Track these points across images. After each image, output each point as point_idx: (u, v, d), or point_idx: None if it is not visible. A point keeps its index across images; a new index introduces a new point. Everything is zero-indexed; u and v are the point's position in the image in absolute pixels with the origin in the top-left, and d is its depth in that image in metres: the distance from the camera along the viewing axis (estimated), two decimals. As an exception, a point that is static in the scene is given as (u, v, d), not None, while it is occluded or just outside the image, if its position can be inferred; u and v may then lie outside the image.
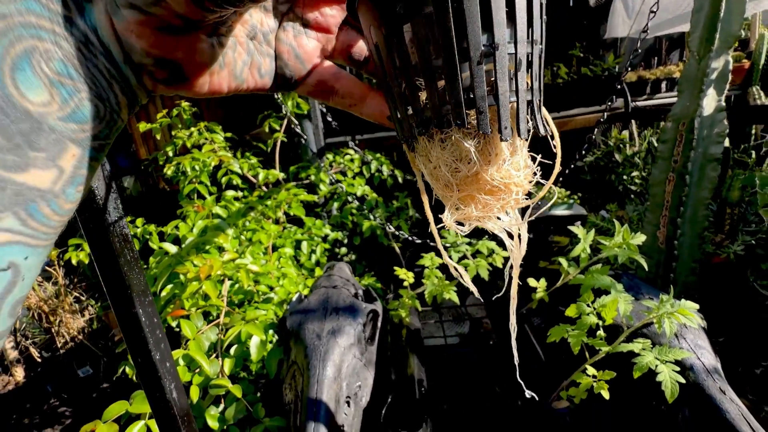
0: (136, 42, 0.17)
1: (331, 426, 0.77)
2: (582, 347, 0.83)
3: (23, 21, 0.13)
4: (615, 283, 0.83)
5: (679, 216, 1.67)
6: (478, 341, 1.43)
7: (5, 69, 0.13)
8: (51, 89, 0.15)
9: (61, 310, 2.64)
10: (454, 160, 0.19)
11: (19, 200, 0.14)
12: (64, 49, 0.15)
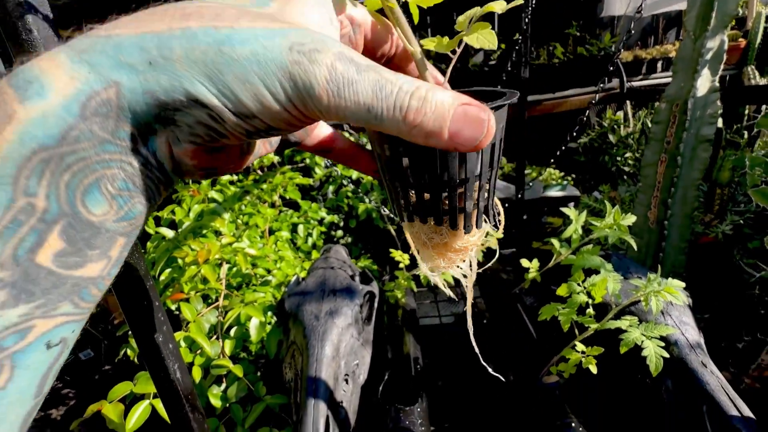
0: (189, 161, 0.21)
1: (330, 402, 0.80)
2: (572, 325, 0.86)
3: (99, 159, 0.17)
4: (605, 263, 0.86)
5: (670, 197, 1.70)
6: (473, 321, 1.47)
7: (78, 195, 0.17)
8: (111, 202, 0.18)
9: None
10: (431, 233, 0.28)
11: (75, 289, 0.18)
12: (126, 171, 0.18)
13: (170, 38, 0.17)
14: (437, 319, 1.43)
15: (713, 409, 0.66)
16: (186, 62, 0.17)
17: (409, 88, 0.18)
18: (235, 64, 0.17)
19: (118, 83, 0.17)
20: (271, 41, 0.18)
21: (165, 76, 0.17)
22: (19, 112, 0.16)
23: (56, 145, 0.16)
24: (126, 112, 0.17)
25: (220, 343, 1.02)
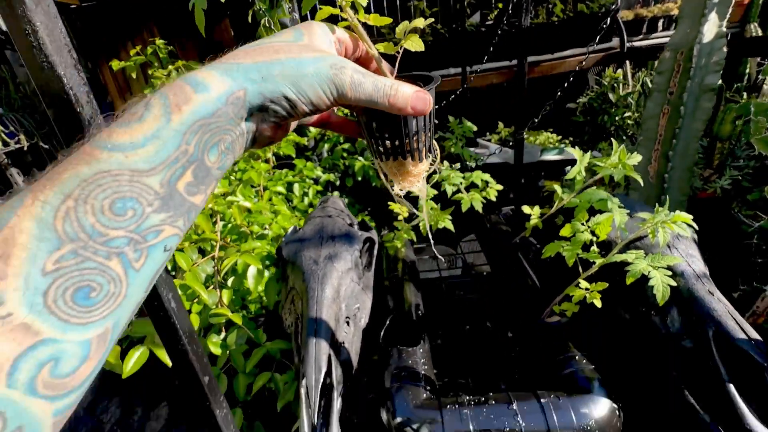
0: (265, 133, 0.33)
1: (332, 342, 0.79)
2: (576, 263, 0.85)
3: (224, 128, 0.29)
4: (611, 196, 0.83)
5: (671, 149, 1.67)
6: (473, 271, 1.46)
7: (207, 149, 0.28)
8: (219, 155, 0.29)
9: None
10: (398, 166, 0.40)
11: (188, 211, 0.27)
12: (232, 137, 0.30)
13: (272, 64, 0.30)
14: (437, 273, 1.42)
15: (720, 334, 0.66)
16: (280, 77, 0.30)
17: (390, 84, 0.33)
18: (306, 77, 0.31)
19: (246, 88, 0.29)
20: (321, 63, 0.31)
21: (270, 85, 0.30)
22: (194, 98, 0.27)
23: (209, 117, 0.28)
24: (247, 104, 0.30)
25: (217, 292, 1.00)
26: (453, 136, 1.79)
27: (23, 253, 0.21)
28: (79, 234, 0.23)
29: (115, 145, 0.25)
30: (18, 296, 0.20)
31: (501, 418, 0.70)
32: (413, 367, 0.84)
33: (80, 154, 0.25)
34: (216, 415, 0.66)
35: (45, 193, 0.23)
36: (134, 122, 0.26)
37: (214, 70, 0.29)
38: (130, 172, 0.25)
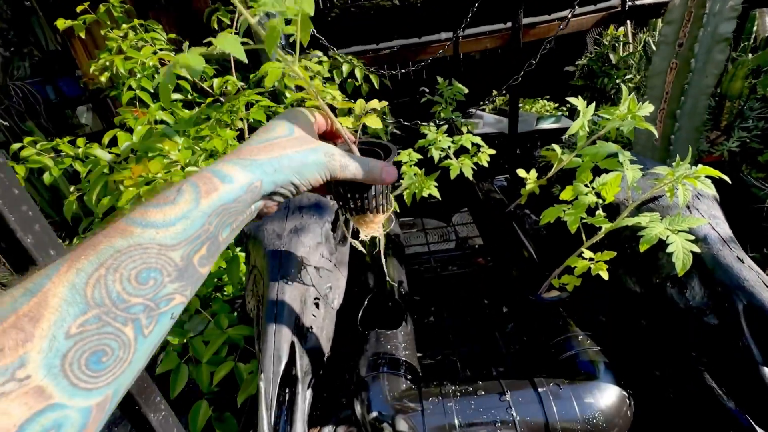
0: (271, 208, 0.40)
1: (296, 327, 0.68)
2: (579, 229, 0.73)
3: (240, 211, 0.35)
4: (622, 150, 0.71)
5: (678, 107, 1.54)
6: (465, 245, 1.34)
7: (222, 227, 0.34)
8: (230, 233, 0.35)
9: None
10: (363, 218, 0.49)
11: (196, 281, 0.32)
12: (244, 216, 0.36)
13: (281, 159, 0.38)
14: (426, 247, 1.30)
15: (753, 308, 0.55)
16: (288, 169, 0.38)
17: (368, 162, 0.43)
18: (307, 167, 0.39)
19: (262, 179, 0.36)
20: (318, 154, 0.40)
21: (281, 176, 0.38)
22: (220, 188, 0.34)
23: (231, 203, 0.34)
24: (262, 191, 0.37)
25: (172, 274, 0.88)
26: (442, 100, 1.64)
27: (53, 316, 0.24)
28: (105, 300, 0.26)
29: (149, 223, 0.29)
30: (39, 358, 0.22)
31: (491, 411, 0.60)
32: (392, 353, 0.74)
33: (115, 229, 0.29)
34: (150, 420, 0.55)
35: (81, 261, 0.26)
36: (167, 204, 0.31)
37: (237, 165, 0.36)
38: (158, 246, 0.29)
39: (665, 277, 0.66)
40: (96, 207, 0.95)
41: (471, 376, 0.71)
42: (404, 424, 0.62)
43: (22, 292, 0.24)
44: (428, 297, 1.09)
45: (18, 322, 0.23)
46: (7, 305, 0.23)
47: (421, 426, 0.60)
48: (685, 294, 0.64)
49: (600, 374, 0.63)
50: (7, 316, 0.23)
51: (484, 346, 0.92)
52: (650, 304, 0.69)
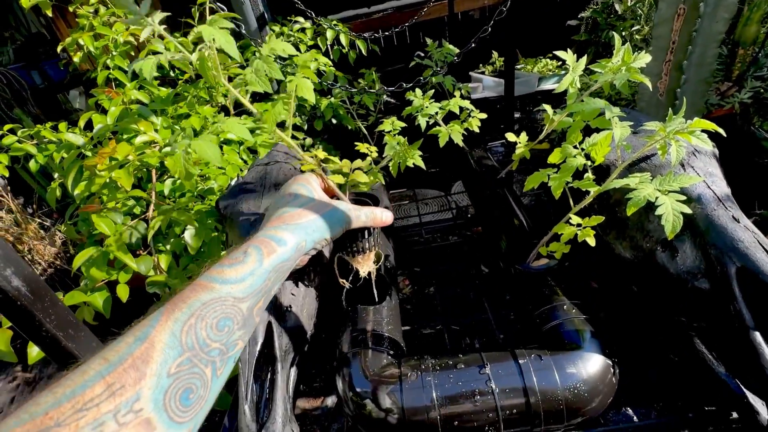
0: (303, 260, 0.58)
1: (272, 308, 0.67)
2: (565, 194, 0.69)
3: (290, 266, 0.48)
4: (610, 106, 0.65)
5: (685, 58, 1.44)
6: (458, 214, 1.31)
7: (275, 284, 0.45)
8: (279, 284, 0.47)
9: (27, 237, 2.50)
10: (361, 257, 0.63)
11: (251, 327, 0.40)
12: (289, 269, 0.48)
13: (315, 220, 0.49)
14: (416, 219, 1.27)
15: (746, 271, 0.51)
16: (322, 228, 0.49)
17: (371, 211, 0.57)
18: (335, 224, 0.51)
19: (306, 240, 0.47)
20: (339, 212, 0.53)
21: (318, 234, 0.49)
22: (277, 250, 0.43)
23: (285, 262, 0.44)
24: (304, 250, 0.47)
25: (153, 258, 0.87)
26: (432, 63, 1.55)
27: (159, 358, 0.30)
28: (194, 344, 0.32)
29: (225, 280, 0.38)
30: (149, 393, 0.28)
31: (470, 384, 0.59)
32: (375, 329, 0.72)
33: (200, 285, 0.37)
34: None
35: (176, 313, 0.33)
36: (238, 264, 0.40)
37: (287, 231, 0.46)
38: (233, 299, 0.37)
39: (656, 241, 0.63)
40: (72, 192, 0.93)
41: (454, 350, 0.69)
42: (385, 399, 0.61)
43: (134, 339, 0.30)
44: (418, 269, 1.07)
45: (134, 363, 0.28)
46: (125, 350, 0.29)
47: (400, 400, 0.60)
48: (677, 258, 0.60)
49: (584, 343, 0.61)
50: (126, 358, 0.28)
51: (474, 318, 0.91)
52: (641, 270, 0.66)
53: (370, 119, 1.70)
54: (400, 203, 1.38)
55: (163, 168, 1.13)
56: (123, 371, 0.27)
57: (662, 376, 0.64)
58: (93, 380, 0.26)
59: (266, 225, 0.47)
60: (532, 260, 0.81)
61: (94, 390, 0.25)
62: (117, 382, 0.26)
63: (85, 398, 0.25)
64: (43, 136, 1.23)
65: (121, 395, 0.26)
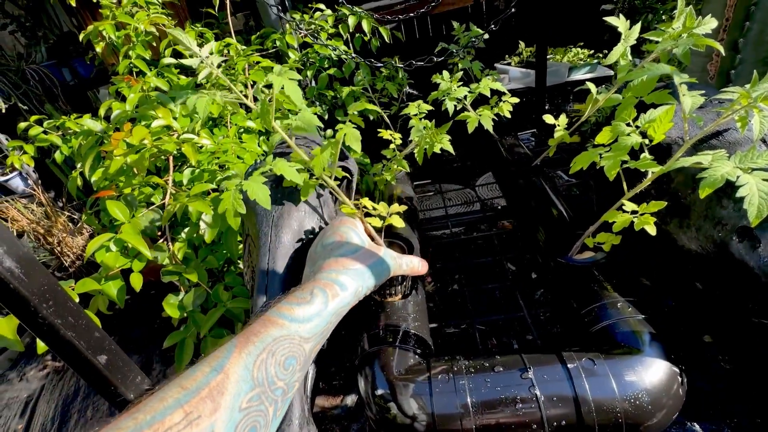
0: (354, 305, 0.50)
1: (289, 299, 0.61)
2: (618, 176, 0.60)
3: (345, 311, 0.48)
4: (678, 71, 0.56)
5: (741, 35, 1.30)
6: (486, 206, 1.23)
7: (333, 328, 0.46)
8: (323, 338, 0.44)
9: (56, 230, 2.57)
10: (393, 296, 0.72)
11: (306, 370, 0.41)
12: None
13: (368, 267, 0.51)
14: (443, 211, 1.20)
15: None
16: (375, 274, 0.51)
17: (410, 260, 0.59)
18: (383, 270, 0.53)
19: (362, 285, 0.49)
20: (387, 259, 0.54)
21: (370, 281, 0.50)
22: (340, 294, 0.45)
23: (345, 306, 0.46)
24: (360, 295, 0.48)
25: (168, 246, 0.84)
26: (458, 47, 1.47)
27: (233, 390, 0.30)
28: (264, 380, 0.33)
29: (294, 318, 0.39)
30: (223, 427, 0.28)
31: (510, 389, 0.51)
32: (400, 324, 0.66)
33: (269, 321, 0.38)
34: (131, 401, 0.50)
35: (249, 346, 0.34)
36: (305, 304, 0.41)
37: (348, 276, 0.48)
38: (299, 338, 0.38)
39: (731, 230, 0.54)
40: (90, 178, 0.91)
41: (489, 350, 0.62)
42: (411, 403, 0.54)
43: (210, 369, 0.30)
44: (445, 263, 1.00)
45: (210, 393, 0.29)
46: (202, 379, 0.29)
47: (430, 406, 0.53)
48: (758, 250, 0.51)
49: (644, 347, 0.52)
50: (203, 387, 0.29)
51: (507, 315, 0.83)
52: (709, 264, 0.57)
53: (392, 108, 1.63)
54: (424, 194, 1.31)
55: (182, 158, 1.10)
56: (200, 401, 0.28)
57: (735, 387, 0.55)
58: (172, 408, 0.27)
59: (325, 267, 0.48)
60: (575, 253, 0.73)
61: (173, 418, 0.26)
62: (194, 411, 0.27)
63: (165, 426, 0.26)
64: (68, 128, 1.23)
65: (198, 425, 0.27)
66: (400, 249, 0.68)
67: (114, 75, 1.41)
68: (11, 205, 2.38)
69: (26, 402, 1.98)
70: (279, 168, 0.55)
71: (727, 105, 0.60)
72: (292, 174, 0.56)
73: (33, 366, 2.16)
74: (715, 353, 0.64)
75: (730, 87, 0.49)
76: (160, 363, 1.91)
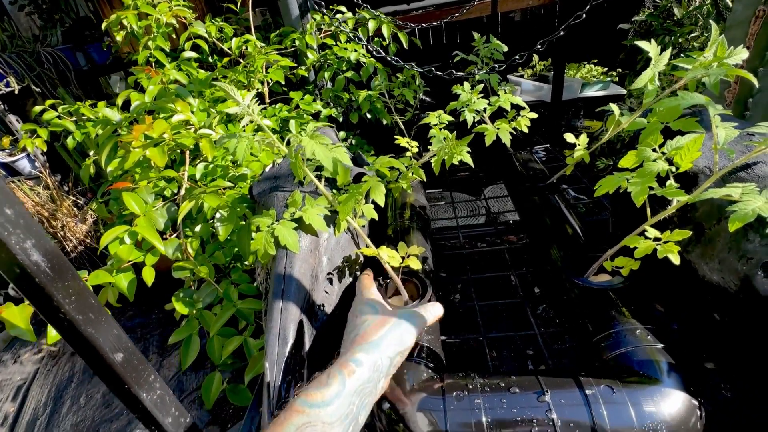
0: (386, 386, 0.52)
1: (305, 304, 0.61)
2: (644, 203, 0.60)
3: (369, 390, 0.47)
4: (712, 101, 0.56)
5: (761, 65, 1.31)
6: (497, 219, 1.23)
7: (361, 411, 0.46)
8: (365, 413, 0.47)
9: (61, 214, 2.56)
10: None
11: None
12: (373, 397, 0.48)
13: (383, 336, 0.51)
14: (453, 221, 1.19)
15: None
16: (394, 342, 0.51)
17: (431, 308, 0.59)
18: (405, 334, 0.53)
19: (380, 356, 0.48)
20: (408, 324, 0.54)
21: (390, 349, 0.50)
22: (356, 370, 0.45)
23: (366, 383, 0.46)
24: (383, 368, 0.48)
25: (181, 241, 0.83)
26: (478, 59, 1.47)
27: None
28: None
29: (313, 404, 0.40)
30: None
31: (526, 411, 0.51)
32: (413, 337, 0.65)
33: (292, 410, 0.40)
34: (143, 400, 0.50)
35: None
36: (323, 387, 0.42)
37: (361, 351, 0.48)
38: (322, 423, 0.39)
39: (756, 264, 0.53)
40: (105, 168, 0.90)
41: (503, 370, 0.62)
42: (424, 419, 0.54)
43: None
44: (455, 275, 1.00)
45: None
46: None
47: (443, 423, 0.52)
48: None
49: (663, 377, 0.52)
50: None
51: (517, 332, 0.82)
52: (731, 297, 0.57)
53: (407, 115, 1.63)
54: (436, 204, 1.31)
55: (196, 151, 1.10)
56: None
57: (755, 423, 0.54)
58: None
59: (344, 353, 0.49)
60: (591, 274, 0.73)
61: None
62: None
63: None
64: (82, 114, 1.23)
65: None
66: (415, 287, 0.70)
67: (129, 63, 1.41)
68: (18, 186, 2.37)
69: (19, 386, 1.96)
70: (308, 217, 0.61)
71: (757, 138, 0.59)
72: (320, 224, 0.61)
73: (28, 349, 2.15)
74: (717, 381, 0.63)
75: (764, 123, 0.49)
76: (157, 354, 1.89)
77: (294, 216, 0.64)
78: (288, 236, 0.60)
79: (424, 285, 0.68)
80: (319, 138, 0.56)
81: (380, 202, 0.62)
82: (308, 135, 0.60)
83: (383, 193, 0.63)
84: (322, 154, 0.56)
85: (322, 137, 0.56)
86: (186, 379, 1.66)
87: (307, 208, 0.63)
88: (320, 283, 0.66)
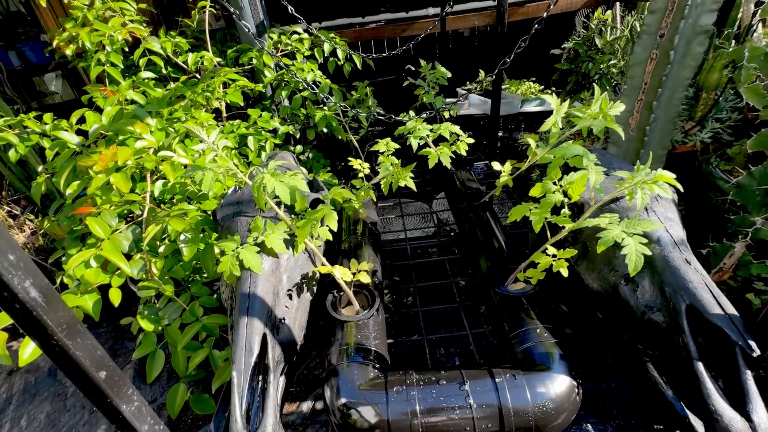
0: None
1: (268, 319, 0.70)
2: (544, 227, 0.76)
3: None
4: (587, 152, 0.73)
5: (655, 99, 1.56)
6: (442, 231, 1.37)
7: None
8: None
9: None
10: None
11: None
12: None
13: None
14: (403, 234, 1.32)
15: (693, 308, 0.59)
16: None
17: None
18: None
19: None
20: None
21: None
22: None
23: None
24: None
25: (145, 261, 0.88)
26: (425, 84, 1.62)
27: None
28: None
29: None
30: None
31: (450, 399, 0.64)
32: (363, 342, 0.77)
33: None
34: (123, 411, 0.57)
35: None
36: None
37: None
38: None
39: (620, 276, 0.70)
40: (65, 191, 0.93)
41: (435, 366, 0.75)
42: (370, 410, 0.65)
43: None
44: (402, 284, 1.12)
45: None
46: None
47: (385, 413, 0.64)
48: (637, 292, 0.68)
49: (553, 365, 0.67)
50: None
51: (453, 334, 0.96)
52: (606, 300, 0.74)
53: (361, 132, 1.74)
54: (387, 216, 1.43)
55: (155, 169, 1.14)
56: None
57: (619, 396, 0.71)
58: None
59: None
60: (509, 283, 0.88)
61: None
62: None
63: None
64: (25, 126, 1.21)
65: None
66: (365, 297, 0.85)
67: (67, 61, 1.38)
68: (-56, 197, 2.19)
69: (-46, 410, 1.84)
70: (270, 242, 0.70)
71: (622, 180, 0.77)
72: (280, 247, 0.71)
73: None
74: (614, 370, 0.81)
75: (621, 171, 0.66)
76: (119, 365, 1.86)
77: (257, 240, 0.73)
78: (251, 259, 0.69)
79: (373, 296, 0.82)
80: (279, 177, 0.66)
81: (333, 227, 0.72)
82: (269, 172, 0.69)
83: (336, 220, 0.73)
84: (281, 190, 0.66)
85: (282, 175, 0.65)
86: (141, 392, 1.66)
87: (268, 233, 0.72)
88: (281, 299, 0.75)
